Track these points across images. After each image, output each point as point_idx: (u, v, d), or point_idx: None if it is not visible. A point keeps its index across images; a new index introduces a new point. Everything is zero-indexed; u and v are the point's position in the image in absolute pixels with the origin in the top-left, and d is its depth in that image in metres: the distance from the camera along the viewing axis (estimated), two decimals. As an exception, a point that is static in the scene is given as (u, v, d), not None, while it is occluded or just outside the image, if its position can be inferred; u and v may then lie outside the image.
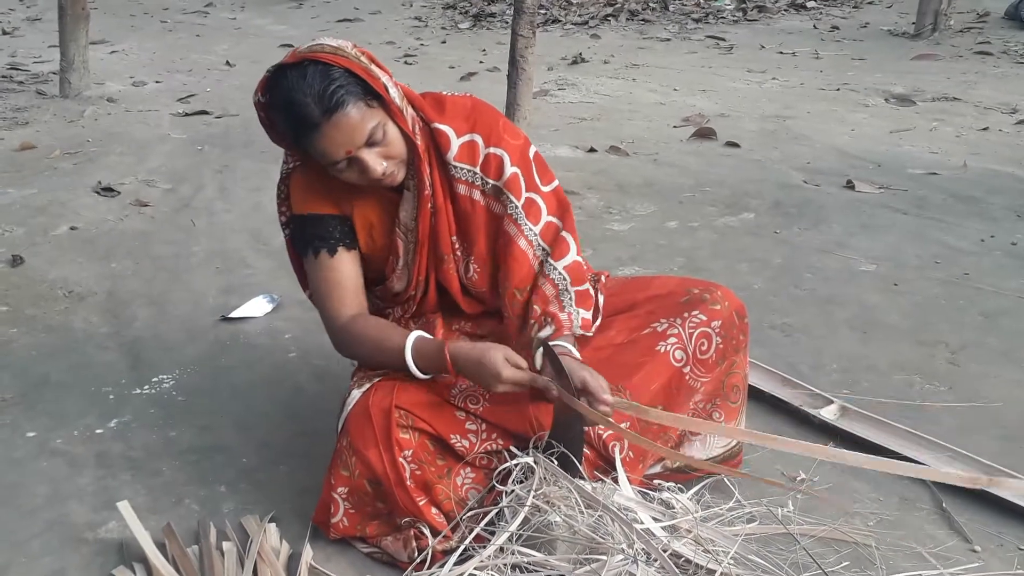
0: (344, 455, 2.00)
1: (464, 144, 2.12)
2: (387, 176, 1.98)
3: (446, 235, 2.14)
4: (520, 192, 2.13)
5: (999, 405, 2.65)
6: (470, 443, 2.01)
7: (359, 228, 2.15)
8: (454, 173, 2.12)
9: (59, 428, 2.59)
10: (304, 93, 1.86)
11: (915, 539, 2.07)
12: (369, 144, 1.93)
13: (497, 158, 2.12)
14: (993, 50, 8.51)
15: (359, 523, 2.03)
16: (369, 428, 1.97)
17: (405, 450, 1.95)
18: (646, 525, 1.90)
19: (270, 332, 3.19)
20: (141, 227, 4.24)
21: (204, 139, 5.90)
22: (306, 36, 10.22)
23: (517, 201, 2.12)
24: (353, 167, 1.95)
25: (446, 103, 2.14)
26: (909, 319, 3.21)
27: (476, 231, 2.15)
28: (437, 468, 1.99)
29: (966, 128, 5.99)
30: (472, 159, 2.12)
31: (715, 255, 3.84)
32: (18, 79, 7.67)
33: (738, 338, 2.20)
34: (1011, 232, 4.06)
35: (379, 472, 1.95)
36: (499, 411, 2.03)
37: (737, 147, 5.57)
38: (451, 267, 2.16)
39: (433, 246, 2.15)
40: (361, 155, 1.93)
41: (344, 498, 2.02)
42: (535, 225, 2.14)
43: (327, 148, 1.90)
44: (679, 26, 10.70)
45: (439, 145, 2.10)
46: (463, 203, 2.14)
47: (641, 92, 7.29)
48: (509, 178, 2.12)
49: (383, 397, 1.99)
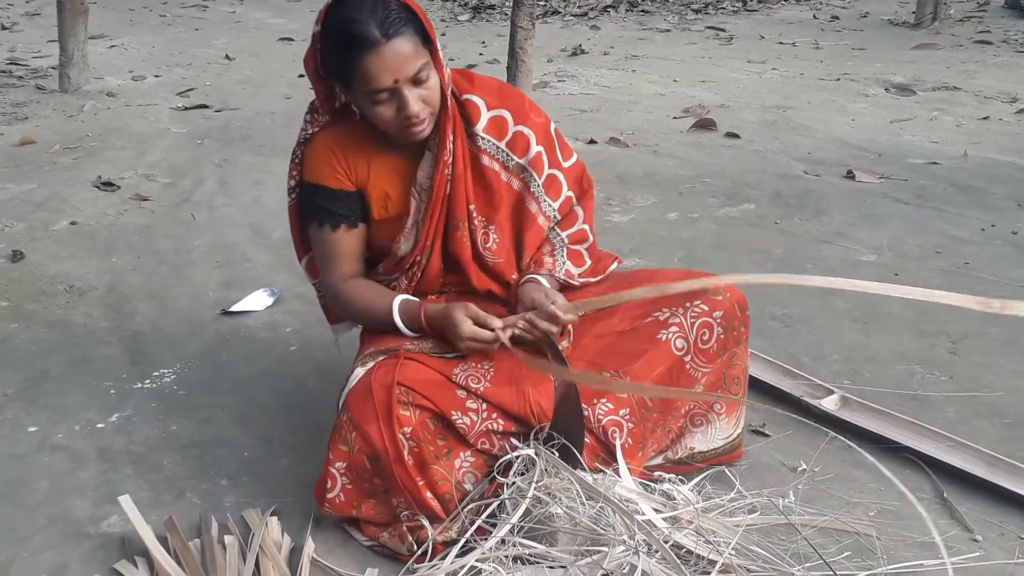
0: (344, 430, 2.00)
1: (493, 118, 2.19)
2: (418, 122, 2.01)
3: (462, 202, 2.17)
4: (543, 170, 2.23)
5: (1000, 395, 2.65)
6: (471, 420, 2.01)
7: (374, 200, 2.17)
8: (480, 144, 2.18)
9: (60, 423, 2.59)
10: (365, 14, 1.91)
11: (916, 529, 2.06)
12: (414, 82, 1.97)
13: (524, 137, 2.20)
14: (993, 39, 8.50)
15: (355, 500, 2.03)
16: (370, 403, 1.97)
17: (405, 427, 1.95)
18: (647, 516, 1.90)
19: (271, 326, 3.19)
20: (141, 221, 4.24)
21: (204, 133, 5.89)
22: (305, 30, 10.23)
23: (539, 179, 2.22)
24: (392, 101, 1.98)
25: (475, 79, 2.21)
26: (910, 309, 3.21)
27: (498, 202, 2.21)
28: (436, 448, 1.99)
29: (966, 117, 5.98)
30: (499, 134, 2.19)
31: (716, 246, 3.83)
32: (17, 74, 7.67)
33: (739, 329, 2.20)
34: (1012, 221, 4.06)
35: (378, 447, 1.95)
36: (499, 392, 2.03)
37: (737, 138, 5.57)
38: (464, 235, 2.20)
39: (447, 210, 2.18)
40: (404, 90, 1.96)
41: (342, 473, 2.01)
42: (554, 201, 2.26)
43: (377, 72, 1.92)
44: (679, 17, 10.69)
45: (468, 115, 2.17)
46: (487, 175, 2.19)
47: (641, 83, 7.28)
48: (534, 157, 2.21)
49: (385, 374, 2.00)
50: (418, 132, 2.04)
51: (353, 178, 2.16)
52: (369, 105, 1.99)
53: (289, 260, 3.74)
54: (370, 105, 1.99)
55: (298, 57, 8.54)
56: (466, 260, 2.21)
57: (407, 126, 2.02)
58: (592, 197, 2.36)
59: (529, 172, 2.21)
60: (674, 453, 2.21)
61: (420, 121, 2.01)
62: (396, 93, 1.96)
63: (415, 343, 2.13)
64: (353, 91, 2.01)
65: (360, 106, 2.06)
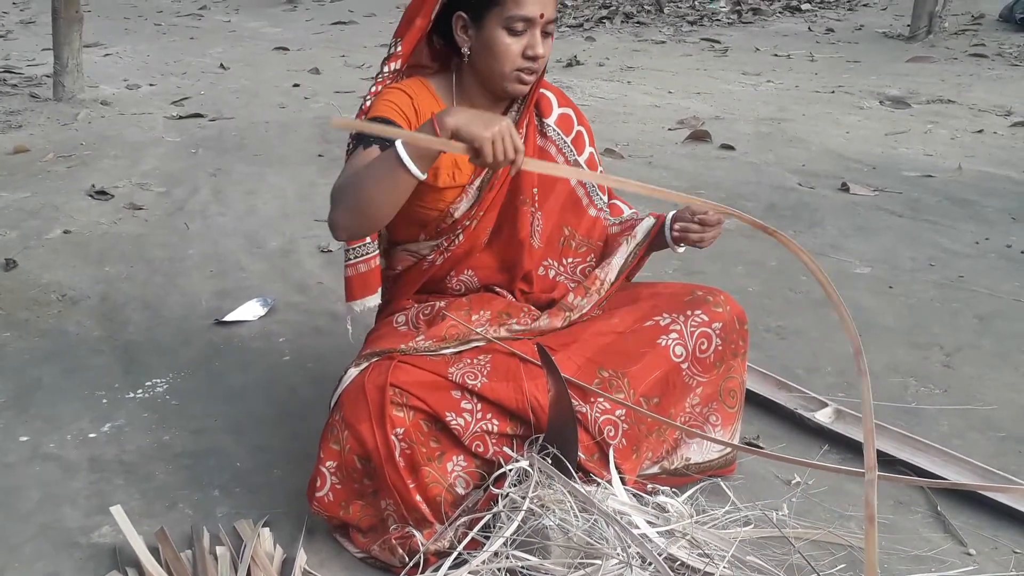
0: (336, 429, 1.99)
1: (562, 114, 2.32)
2: (534, 70, 2.07)
3: (530, 182, 2.24)
4: (597, 169, 2.39)
5: (994, 408, 2.65)
6: (465, 422, 2.00)
7: (443, 166, 2.13)
8: (550, 135, 2.30)
9: (52, 432, 2.58)
10: None
11: (910, 542, 2.07)
12: (546, 29, 2.05)
13: (582, 136, 2.35)
14: (988, 52, 8.53)
15: (344, 500, 2.02)
16: (363, 403, 1.96)
17: (397, 427, 1.94)
18: (641, 529, 1.89)
19: (264, 335, 3.18)
20: (135, 230, 4.23)
21: (198, 142, 5.89)
22: (300, 39, 10.30)
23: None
24: (524, 36, 2.03)
25: (543, 79, 2.25)
26: (904, 321, 3.22)
27: (552, 191, 2.30)
28: (429, 450, 1.98)
29: (961, 130, 6.00)
30: (567, 130, 2.32)
31: (710, 258, 3.83)
32: (11, 82, 7.67)
33: (737, 343, 2.22)
34: (1006, 234, 4.06)
35: (370, 447, 1.94)
36: (497, 388, 2.02)
37: (732, 150, 5.58)
38: (528, 211, 2.25)
39: (515, 185, 2.22)
40: (538, 31, 2.03)
41: (332, 472, 2.01)
42: (604, 195, 2.42)
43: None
44: (674, 28, 10.72)
45: (540, 108, 2.28)
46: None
47: (636, 95, 7.30)
48: (589, 156, 2.36)
49: (379, 375, 1.99)
50: (525, 82, 2.08)
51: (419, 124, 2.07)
52: (501, 34, 2.02)
53: (283, 269, 3.75)
54: (503, 34, 2.02)
55: (292, 67, 8.61)
56: (524, 237, 2.25)
57: (520, 70, 2.05)
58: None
59: (584, 168, 2.34)
60: (670, 463, 2.21)
61: (535, 71, 2.07)
62: (531, 30, 2.02)
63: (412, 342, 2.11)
64: (488, 18, 2.02)
65: (485, 39, 2.04)
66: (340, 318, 2.45)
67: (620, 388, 2.08)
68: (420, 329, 2.18)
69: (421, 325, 2.20)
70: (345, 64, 8.84)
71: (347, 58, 9.16)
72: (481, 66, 2.08)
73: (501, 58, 2.03)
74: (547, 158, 2.26)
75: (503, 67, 2.04)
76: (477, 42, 2.06)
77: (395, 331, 2.21)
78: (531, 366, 2.06)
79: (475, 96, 2.15)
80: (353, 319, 2.31)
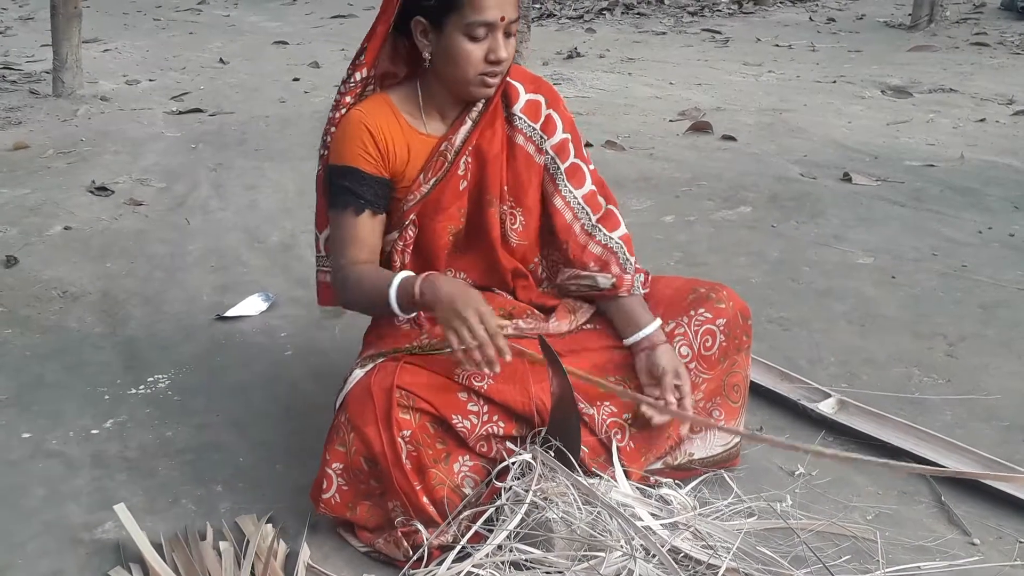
0: (342, 431, 1.99)
1: (530, 101, 2.22)
2: (498, 73, 2.04)
3: (497, 181, 2.19)
4: (568, 156, 2.26)
5: (997, 397, 2.64)
6: (471, 424, 2.00)
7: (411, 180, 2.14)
8: (517, 124, 2.21)
9: (55, 429, 2.58)
10: None
11: (914, 532, 2.06)
12: (508, 30, 2.00)
13: (553, 121, 2.24)
14: (989, 41, 8.51)
15: (351, 501, 2.02)
16: (369, 406, 1.95)
17: (404, 430, 1.94)
18: (645, 521, 1.89)
19: (266, 330, 3.17)
20: (135, 226, 4.22)
21: (198, 137, 5.88)
22: (300, 33, 10.28)
23: (562, 164, 2.25)
24: (486, 41, 1.99)
25: (513, 67, 2.21)
26: (907, 311, 3.21)
27: (527, 183, 2.23)
28: (435, 451, 1.98)
29: (963, 120, 5.99)
30: (534, 116, 2.22)
31: (712, 249, 3.83)
32: (11, 78, 7.65)
33: (741, 338, 2.21)
34: (1008, 223, 4.06)
35: (376, 450, 1.93)
36: (503, 389, 2.02)
37: (734, 140, 5.57)
38: (495, 212, 2.20)
39: (481, 183, 2.18)
40: (500, 33, 1.99)
41: (338, 474, 2.01)
42: (577, 189, 2.27)
43: (489, 3, 1.95)
44: (674, 19, 10.70)
45: (508, 97, 2.20)
46: (519, 155, 2.21)
47: (637, 86, 7.28)
48: (559, 142, 2.24)
49: (385, 377, 1.99)
50: (490, 85, 2.06)
51: (389, 165, 2.11)
52: (462, 40, 1.98)
53: (284, 264, 3.74)
54: (463, 40, 1.98)
55: (292, 61, 8.59)
56: (495, 238, 2.21)
57: (485, 74, 2.02)
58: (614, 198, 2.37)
59: (552, 156, 2.23)
60: (673, 459, 2.20)
61: (498, 74, 2.04)
62: (492, 34, 1.98)
63: (416, 341, 2.12)
64: (448, 24, 1.98)
65: (445, 45, 2.00)
66: (339, 313, 2.45)
67: (626, 392, 2.08)
68: (424, 327, 2.18)
69: (424, 323, 2.19)
70: (345, 57, 8.82)
71: (347, 51, 9.14)
72: (443, 71, 2.06)
73: (463, 64, 2.00)
74: (516, 148, 2.20)
75: (466, 73, 2.02)
76: (438, 47, 2.03)
77: (398, 330, 2.20)
78: (537, 368, 2.05)
79: (441, 101, 2.13)
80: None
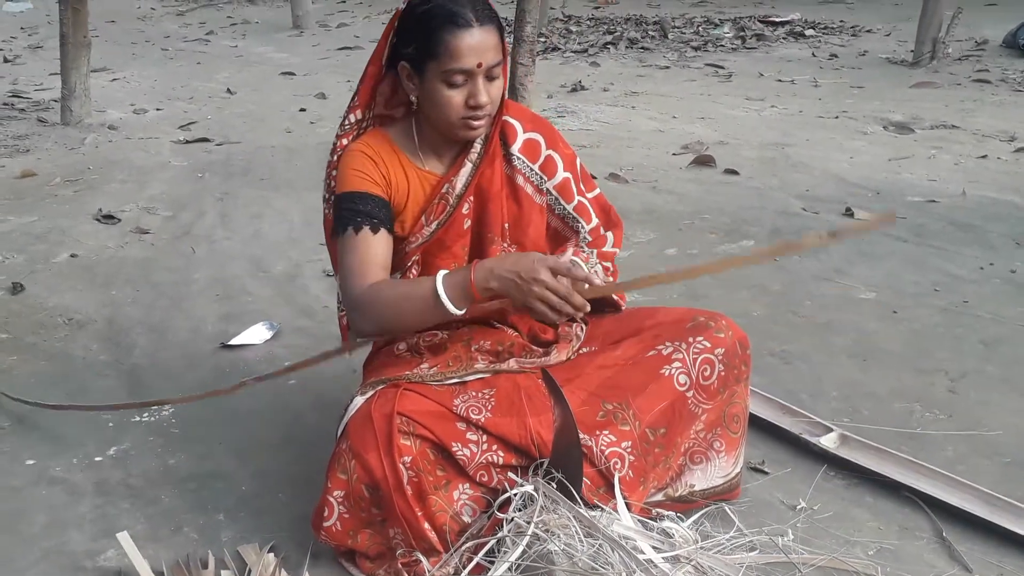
0: (343, 458, 1.99)
1: (528, 140, 2.25)
2: (481, 116, 2.06)
3: (499, 220, 2.21)
4: (572, 196, 2.31)
5: (999, 433, 2.64)
6: (471, 452, 2.00)
7: (411, 217, 2.18)
8: (516, 164, 2.23)
9: (58, 456, 2.59)
10: (462, 3, 1.99)
11: (915, 568, 2.06)
12: (488, 76, 2.02)
13: (553, 161, 2.28)
14: (991, 78, 8.55)
15: (352, 529, 2.01)
16: (370, 432, 1.96)
17: (405, 456, 1.94)
18: (646, 554, 1.89)
19: (270, 359, 3.18)
20: (141, 254, 4.25)
21: (205, 166, 5.92)
22: (307, 64, 10.35)
23: (568, 205, 2.31)
24: (465, 87, 2.01)
25: (510, 104, 2.25)
26: (908, 347, 3.21)
27: (527, 224, 2.25)
28: (435, 478, 1.98)
29: (965, 156, 6.01)
30: (533, 156, 2.26)
31: (714, 282, 3.84)
32: (19, 107, 7.72)
33: (740, 368, 2.21)
34: (1010, 260, 4.06)
35: (378, 476, 1.94)
36: (501, 423, 2.03)
37: (736, 174, 5.59)
38: (496, 248, 2.22)
39: (482, 221, 2.21)
40: (480, 79, 2.01)
41: (339, 502, 2.00)
42: (587, 224, 2.34)
43: (465, 50, 1.97)
44: (678, 54, 10.75)
45: (505, 135, 2.23)
46: (520, 195, 2.24)
47: (640, 120, 7.32)
48: (561, 182, 2.29)
49: (385, 403, 2.00)
50: (475, 128, 2.08)
51: (392, 193, 2.15)
52: (441, 87, 2.01)
53: (289, 293, 3.76)
54: (443, 87, 2.01)
55: (298, 92, 8.65)
56: None
57: (468, 118, 2.05)
58: (622, 230, 2.48)
59: (555, 196, 2.28)
60: (674, 490, 2.20)
61: (482, 117, 2.06)
62: (471, 80, 2.01)
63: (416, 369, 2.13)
64: (428, 71, 2.02)
65: (427, 90, 2.04)
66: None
67: (625, 420, 2.08)
68: (423, 356, 2.19)
69: (424, 352, 2.20)
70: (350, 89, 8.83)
71: (352, 83, 9.17)
72: (429, 114, 2.10)
73: (445, 109, 2.04)
74: (515, 187, 2.23)
75: (448, 117, 2.05)
76: (421, 92, 2.08)
77: (397, 359, 2.21)
78: (535, 401, 2.06)
79: (435, 140, 2.17)
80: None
